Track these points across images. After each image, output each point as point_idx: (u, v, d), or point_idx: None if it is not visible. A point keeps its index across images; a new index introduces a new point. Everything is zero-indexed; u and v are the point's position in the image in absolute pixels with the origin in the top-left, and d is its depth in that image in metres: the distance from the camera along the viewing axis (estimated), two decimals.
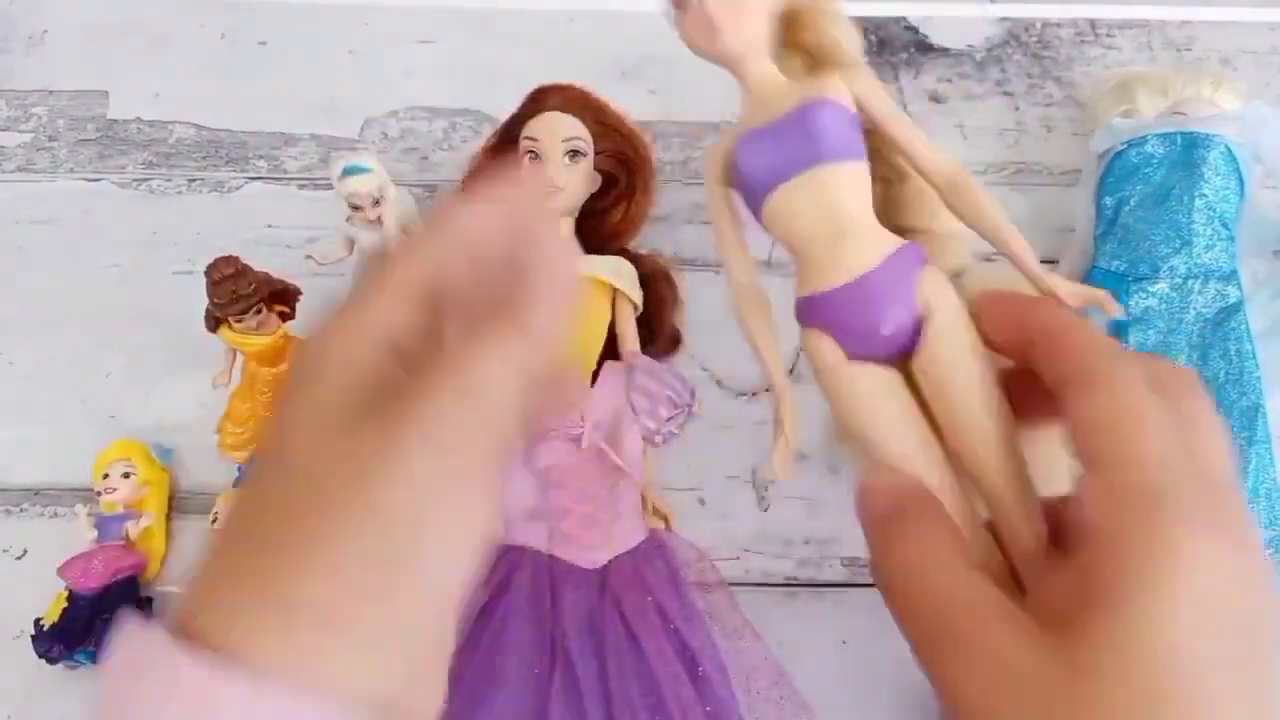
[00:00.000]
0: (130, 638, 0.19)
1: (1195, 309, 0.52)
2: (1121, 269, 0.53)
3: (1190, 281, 0.52)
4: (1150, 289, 0.52)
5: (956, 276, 0.27)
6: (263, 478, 0.21)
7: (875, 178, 0.28)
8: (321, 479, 0.20)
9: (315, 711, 0.18)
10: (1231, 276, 0.53)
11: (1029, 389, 0.25)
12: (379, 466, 0.20)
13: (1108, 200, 0.55)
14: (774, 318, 0.30)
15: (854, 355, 0.26)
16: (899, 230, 0.28)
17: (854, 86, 0.28)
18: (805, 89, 0.28)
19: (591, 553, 0.49)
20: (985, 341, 0.26)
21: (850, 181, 0.27)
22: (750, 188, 0.28)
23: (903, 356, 0.26)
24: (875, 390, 0.26)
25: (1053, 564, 0.22)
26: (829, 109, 0.27)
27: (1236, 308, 0.52)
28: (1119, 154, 0.56)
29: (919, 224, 0.30)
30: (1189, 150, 0.54)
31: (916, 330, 0.26)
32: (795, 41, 0.30)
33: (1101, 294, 0.27)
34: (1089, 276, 0.55)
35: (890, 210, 0.30)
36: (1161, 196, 0.54)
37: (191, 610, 0.19)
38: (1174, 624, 0.18)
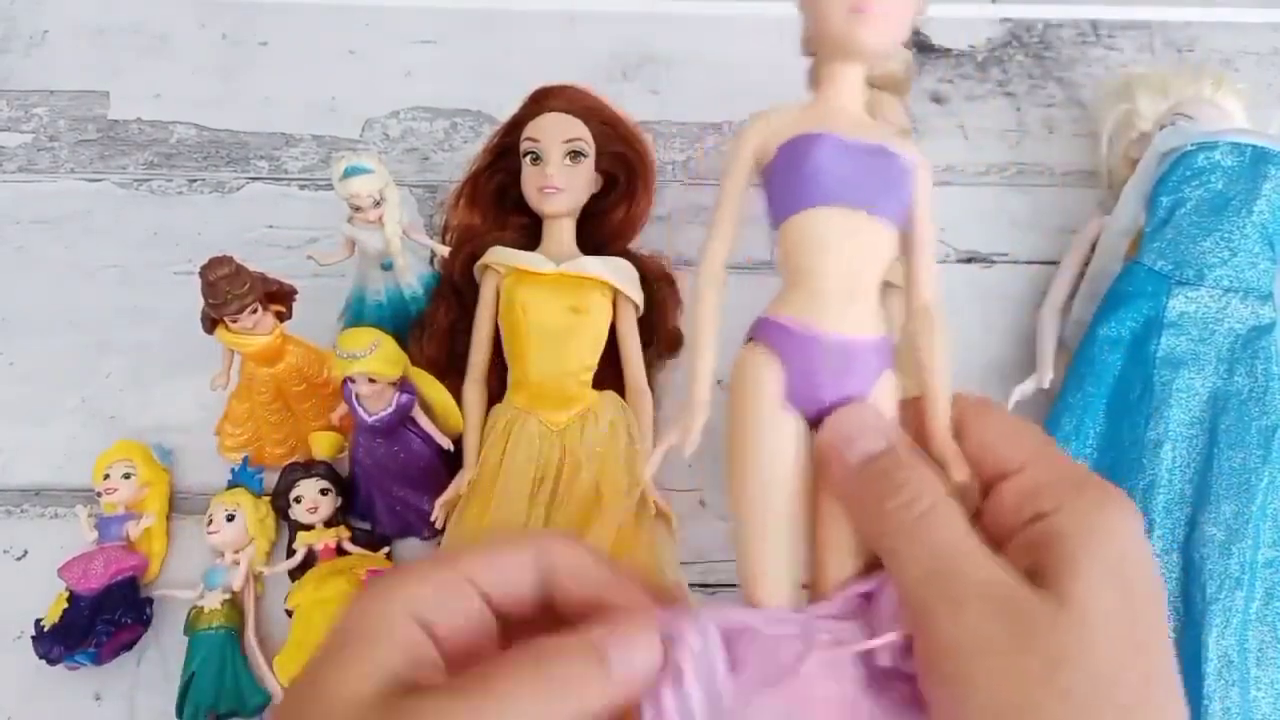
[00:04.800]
0: None
1: (1229, 323, 0.52)
2: (1166, 269, 0.53)
3: (1230, 295, 0.52)
4: (1191, 295, 0.52)
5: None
6: None
7: None
8: None
9: None
10: (1269, 297, 0.52)
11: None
12: None
13: (1164, 199, 0.54)
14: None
15: (787, 395, 0.26)
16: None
17: (919, 170, 0.27)
18: (892, 136, 0.27)
19: None
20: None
21: (887, 248, 0.27)
22: (795, 187, 0.26)
23: (811, 422, 0.27)
24: (795, 438, 0.26)
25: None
26: (912, 174, 0.27)
27: (1269, 328, 0.52)
28: (1186, 154, 0.55)
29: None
30: (1257, 164, 0.53)
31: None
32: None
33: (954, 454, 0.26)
34: (1131, 271, 0.54)
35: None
36: (1219, 205, 0.53)
37: None
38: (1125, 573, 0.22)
